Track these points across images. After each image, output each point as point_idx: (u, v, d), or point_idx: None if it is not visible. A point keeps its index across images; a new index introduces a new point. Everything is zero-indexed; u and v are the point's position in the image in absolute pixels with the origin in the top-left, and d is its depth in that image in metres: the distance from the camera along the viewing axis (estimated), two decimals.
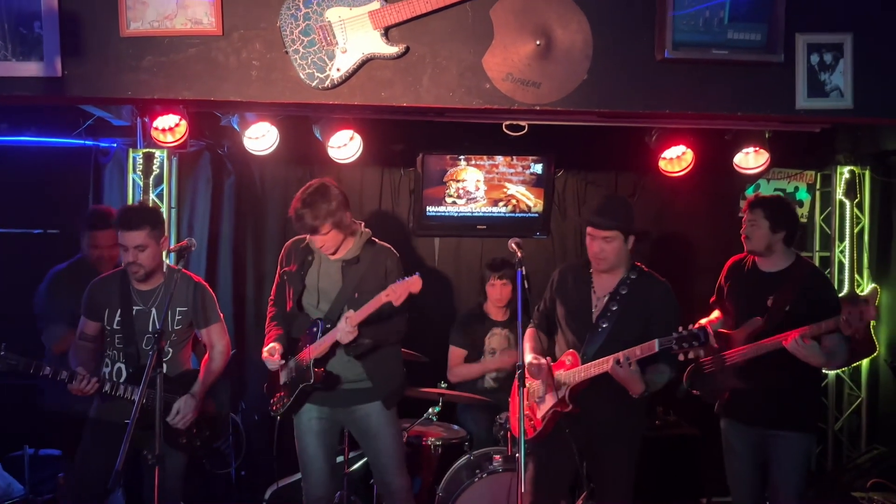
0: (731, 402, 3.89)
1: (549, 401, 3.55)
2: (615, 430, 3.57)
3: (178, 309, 3.75)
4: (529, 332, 3.81)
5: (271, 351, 3.67)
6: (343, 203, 3.65)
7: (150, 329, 3.67)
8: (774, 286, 3.76)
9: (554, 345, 3.76)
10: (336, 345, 3.60)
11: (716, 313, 4.05)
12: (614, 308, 3.54)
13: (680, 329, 3.28)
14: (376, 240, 3.82)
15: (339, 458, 4.40)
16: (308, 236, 3.74)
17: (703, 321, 3.96)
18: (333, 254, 3.71)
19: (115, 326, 3.70)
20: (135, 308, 3.70)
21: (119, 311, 3.70)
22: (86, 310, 3.77)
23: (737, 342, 3.81)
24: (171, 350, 3.75)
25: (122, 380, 3.68)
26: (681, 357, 3.32)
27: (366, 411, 3.76)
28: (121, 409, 3.59)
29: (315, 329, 3.67)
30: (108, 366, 3.74)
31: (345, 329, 3.50)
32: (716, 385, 3.91)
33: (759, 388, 3.74)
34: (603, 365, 3.40)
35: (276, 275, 3.90)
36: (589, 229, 3.54)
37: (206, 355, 3.86)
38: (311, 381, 3.62)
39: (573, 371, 3.52)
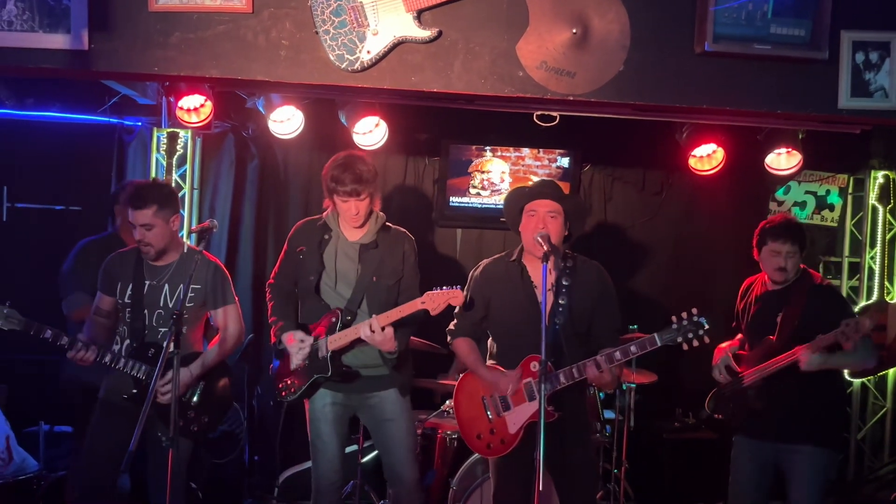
0: (746, 419, 3.78)
1: (525, 410, 3.42)
2: (580, 430, 3.51)
3: (191, 286, 3.64)
4: (461, 342, 3.65)
5: (301, 338, 3.57)
6: (376, 173, 3.62)
7: (161, 304, 3.64)
8: (782, 302, 3.68)
9: (486, 350, 3.62)
10: (357, 340, 3.53)
11: (738, 336, 3.95)
12: (563, 302, 3.43)
13: (683, 316, 3.22)
14: (390, 224, 3.74)
15: (353, 448, 4.35)
16: (330, 210, 3.65)
17: (723, 345, 3.89)
18: (360, 226, 3.62)
19: (125, 300, 3.67)
20: (146, 283, 3.67)
21: (131, 285, 3.66)
22: (101, 284, 3.75)
23: (752, 363, 3.72)
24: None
25: (121, 351, 3.62)
26: (685, 347, 3.24)
27: (381, 398, 3.70)
28: (123, 386, 3.57)
29: (335, 320, 3.59)
30: (117, 343, 3.70)
31: (378, 338, 3.43)
32: (737, 407, 3.80)
33: (776, 405, 3.64)
34: (583, 369, 3.31)
35: (282, 253, 3.78)
36: (532, 204, 3.44)
37: (217, 336, 3.78)
38: (329, 373, 3.56)
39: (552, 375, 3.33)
